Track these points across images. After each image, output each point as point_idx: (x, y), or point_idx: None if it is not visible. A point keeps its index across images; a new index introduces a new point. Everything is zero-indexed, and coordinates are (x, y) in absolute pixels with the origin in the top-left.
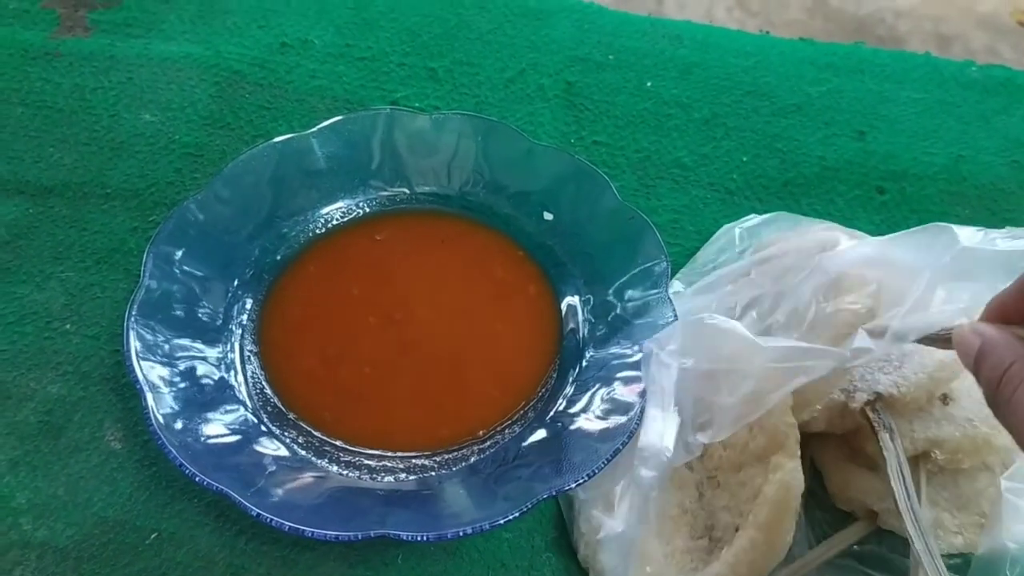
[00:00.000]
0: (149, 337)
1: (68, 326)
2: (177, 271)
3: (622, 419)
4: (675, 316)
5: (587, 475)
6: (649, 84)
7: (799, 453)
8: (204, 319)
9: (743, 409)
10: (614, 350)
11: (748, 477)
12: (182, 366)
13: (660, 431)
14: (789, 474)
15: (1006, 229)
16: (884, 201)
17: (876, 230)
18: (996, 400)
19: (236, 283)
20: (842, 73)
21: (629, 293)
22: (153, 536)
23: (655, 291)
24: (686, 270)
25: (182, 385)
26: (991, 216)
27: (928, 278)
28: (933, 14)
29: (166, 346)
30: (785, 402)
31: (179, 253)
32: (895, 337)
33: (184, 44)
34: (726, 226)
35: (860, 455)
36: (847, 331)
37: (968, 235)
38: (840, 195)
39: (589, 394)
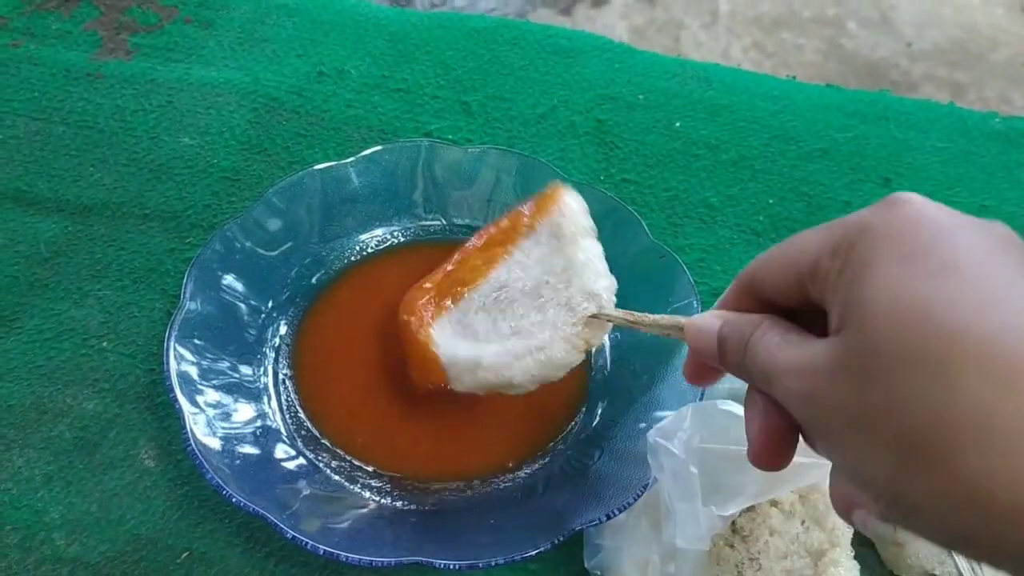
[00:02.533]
0: (188, 358)
1: (105, 344)
2: (217, 293)
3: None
4: None
5: (617, 509)
6: (678, 124)
7: (853, 552)
8: (241, 341)
9: (763, 486)
10: (643, 390)
11: (795, 567)
12: (219, 387)
13: (687, 511)
14: (848, 572)
15: None
16: None
17: None
18: (743, 366)
19: (271, 304)
20: (868, 120)
21: None
22: (184, 555)
23: None
24: None
25: (219, 407)
26: None
27: None
28: (948, 60)
29: (204, 367)
30: None
31: (220, 275)
32: None
33: (224, 70)
34: None
35: None
36: None
37: None
38: None
39: (618, 429)
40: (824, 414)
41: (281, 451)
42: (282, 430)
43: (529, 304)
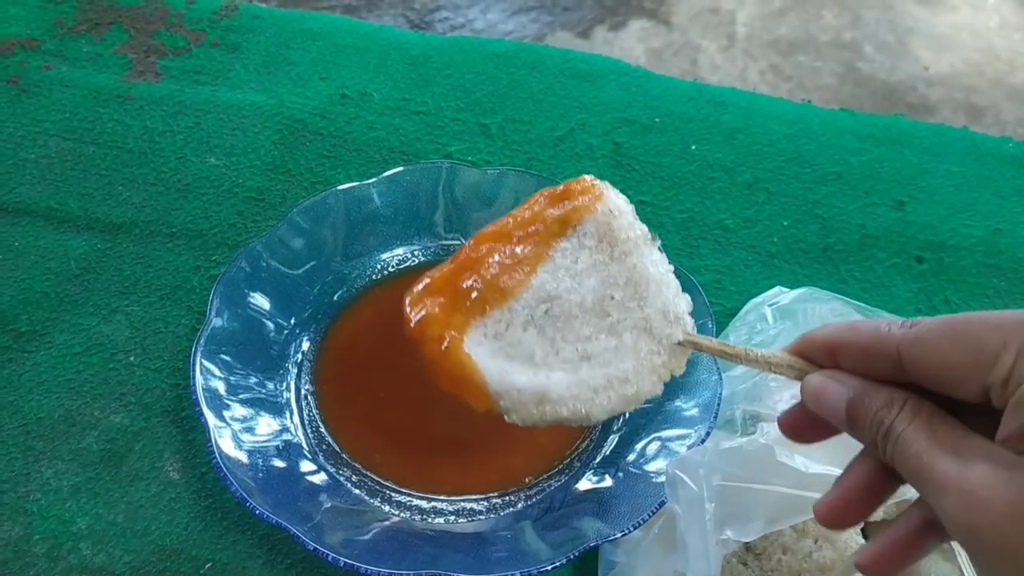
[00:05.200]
0: (214, 372)
1: (132, 358)
2: (242, 310)
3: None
4: (719, 375)
5: (632, 526)
6: (694, 147)
7: None
8: (265, 357)
9: (780, 512)
10: (660, 405)
11: None
12: (243, 402)
13: (698, 546)
14: None
15: None
16: (922, 270)
17: (913, 298)
18: (884, 452)
19: (294, 321)
20: (882, 144)
21: None
22: (208, 566)
23: None
24: None
25: (243, 421)
26: None
27: None
28: (965, 84)
29: (230, 382)
30: None
31: (245, 292)
32: None
33: (249, 92)
34: (753, 301)
35: None
36: None
37: None
38: (879, 263)
39: (634, 446)
40: (995, 557)
41: (303, 465)
42: (304, 444)
43: (596, 324)
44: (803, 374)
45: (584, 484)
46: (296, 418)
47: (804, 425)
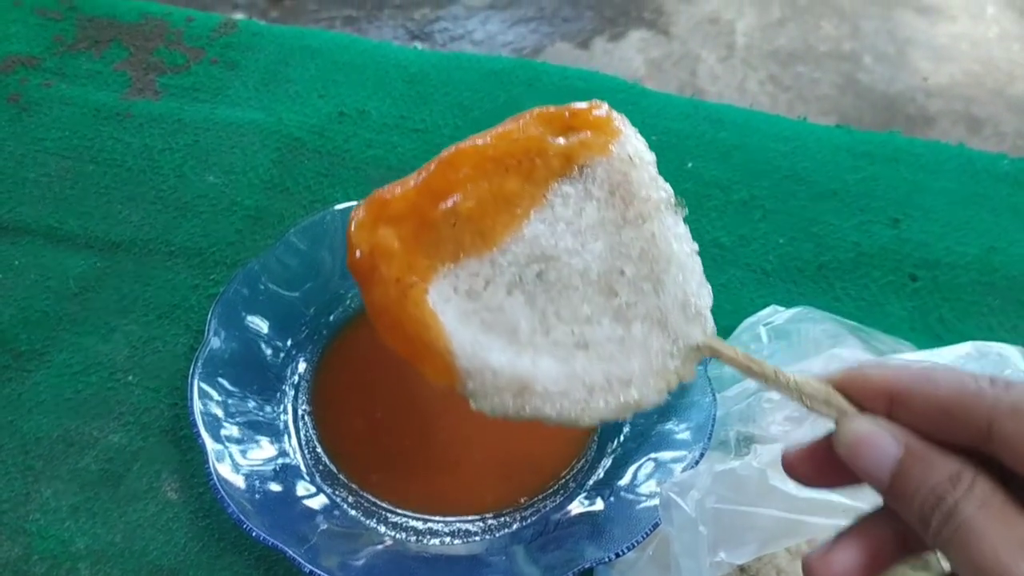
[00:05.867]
0: (211, 393)
1: (131, 378)
2: (240, 332)
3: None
4: (713, 396)
5: (626, 548)
6: (690, 165)
7: None
8: (263, 379)
9: (776, 535)
10: (653, 426)
11: None
12: (241, 424)
13: (692, 568)
14: None
15: None
16: (916, 288)
17: (908, 316)
18: (933, 532)
19: (290, 343)
20: (878, 161)
21: None
22: None
23: None
24: (715, 371)
25: (241, 443)
26: (1021, 307)
27: None
28: (964, 95)
29: (227, 404)
30: None
31: (242, 312)
32: None
33: (248, 110)
34: (748, 321)
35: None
36: None
37: None
38: (874, 280)
39: (628, 468)
40: None
41: (301, 487)
42: (301, 466)
43: (600, 304)
44: (842, 415)
45: (578, 506)
46: (294, 440)
47: (819, 470)
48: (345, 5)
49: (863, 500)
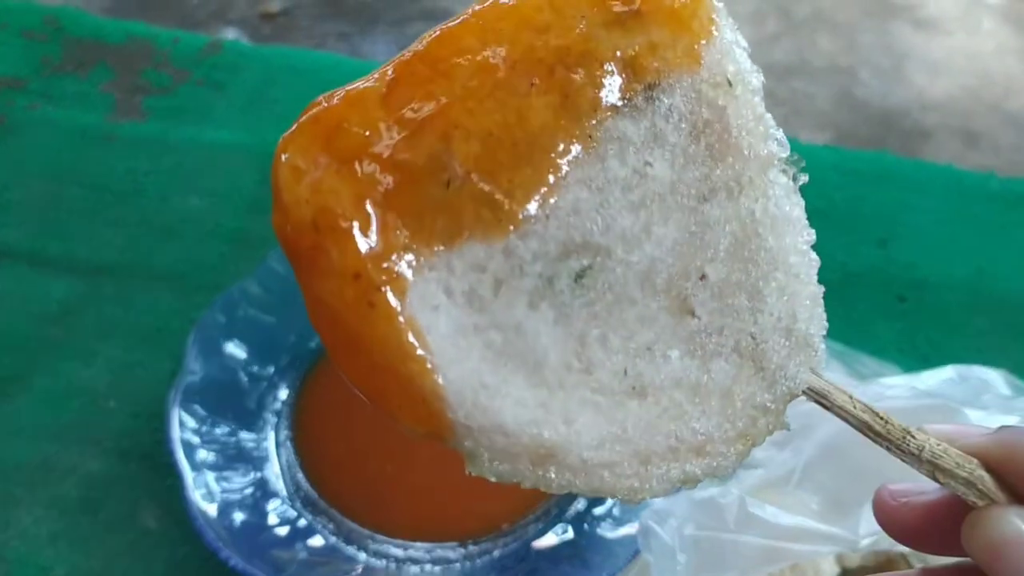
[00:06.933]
0: (190, 422)
1: (112, 403)
2: (219, 359)
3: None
4: None
5: (607, 575)
6: None
7: None
8: (243, 405)
9: (756, 562)
10: None
11: None
12: (220, 451)
13: None
14: None
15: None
16: (904, 309)
17: (895, 337)
18: None
19: (272, 371)
20: (866, 180)
21: None
22: None
23: None
24: None
25: (219, 471)
26: (1009, 328)
27: None
28: (961, 109)
29: (206, 430)
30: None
31: (220, 340)
32: None
33: (233, 131)
34: None
35: None
36: None
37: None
38: (862, 301)
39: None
40: None
41: (280, 513)
42: (281, 492)
43: (668, 327)
44: (989, 501)
45: (558, 533)
46: (276, 467)
47: (924, 533)
48: (338, 21)
49: (844, 528)
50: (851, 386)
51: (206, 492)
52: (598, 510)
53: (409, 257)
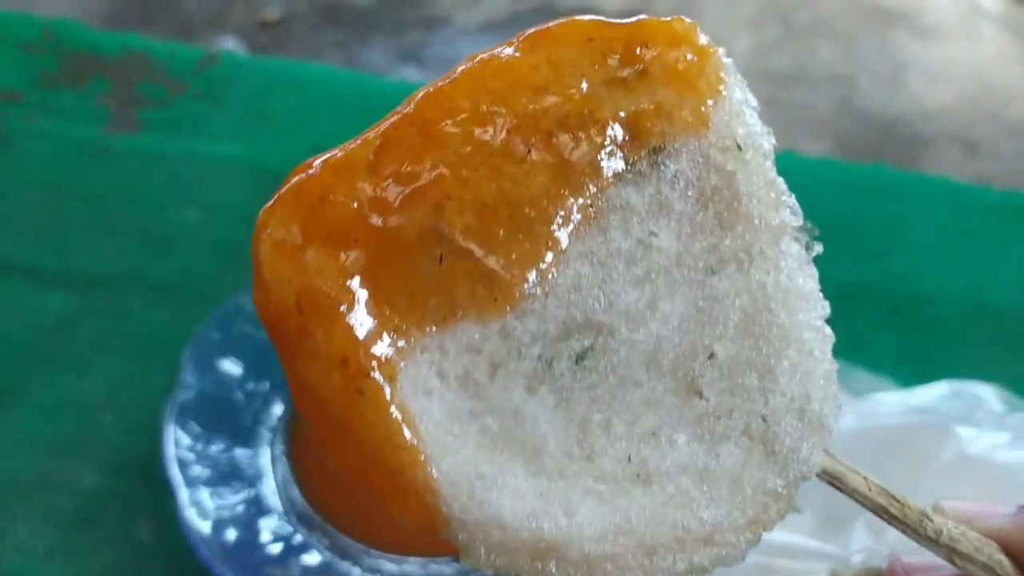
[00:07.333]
0: (185, 438)
1: (107, 417)
2: (214, 375)
3: None
4: None
5: None
6: None
7: None
8: (238, 421)
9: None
10: None
11: None
12: (215, 467)
13: None
14: None
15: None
16: (900, 323)
17: (892, 352)
18: None
19: (268, 386)
20: (863, 193)
21: None
22: None
23: None
24: None
25: (214, 487)
26: (1005, 342)
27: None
28: (961, 118)
29: (200, 447)
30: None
31: (216, 356)
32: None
33: (229, 144)
34: None
35: None
36: None
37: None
38: (858, 315)
39: None
40: None
41: (275, 529)
42: (276, 508)
43: (675, 410)
44: None
45: None
46: (271, 483)
47: None
48: (336, 29)
49: (837, 544)
50: (846, 402)
51: (200, 509)
52: None
53: (400, 339)
